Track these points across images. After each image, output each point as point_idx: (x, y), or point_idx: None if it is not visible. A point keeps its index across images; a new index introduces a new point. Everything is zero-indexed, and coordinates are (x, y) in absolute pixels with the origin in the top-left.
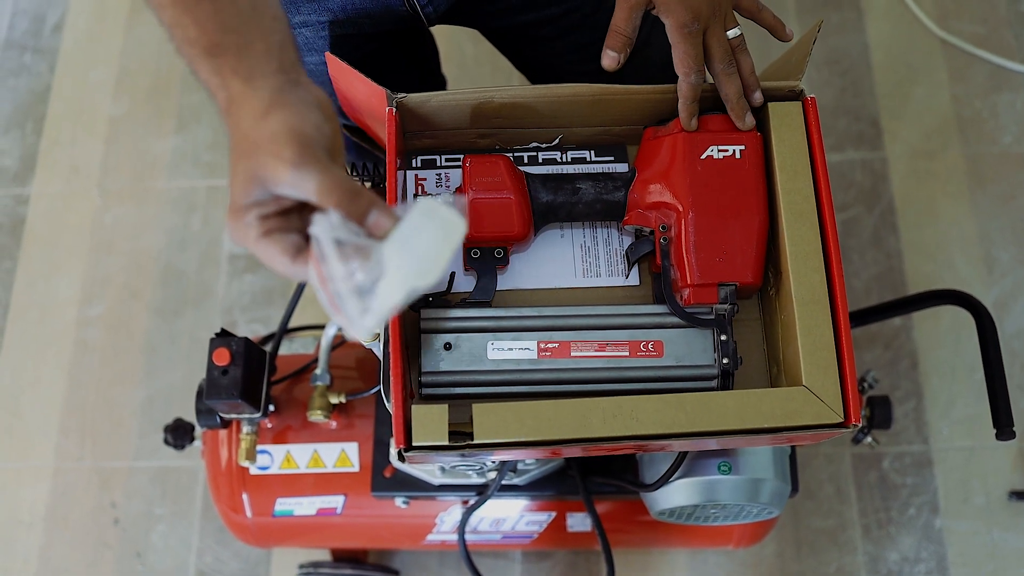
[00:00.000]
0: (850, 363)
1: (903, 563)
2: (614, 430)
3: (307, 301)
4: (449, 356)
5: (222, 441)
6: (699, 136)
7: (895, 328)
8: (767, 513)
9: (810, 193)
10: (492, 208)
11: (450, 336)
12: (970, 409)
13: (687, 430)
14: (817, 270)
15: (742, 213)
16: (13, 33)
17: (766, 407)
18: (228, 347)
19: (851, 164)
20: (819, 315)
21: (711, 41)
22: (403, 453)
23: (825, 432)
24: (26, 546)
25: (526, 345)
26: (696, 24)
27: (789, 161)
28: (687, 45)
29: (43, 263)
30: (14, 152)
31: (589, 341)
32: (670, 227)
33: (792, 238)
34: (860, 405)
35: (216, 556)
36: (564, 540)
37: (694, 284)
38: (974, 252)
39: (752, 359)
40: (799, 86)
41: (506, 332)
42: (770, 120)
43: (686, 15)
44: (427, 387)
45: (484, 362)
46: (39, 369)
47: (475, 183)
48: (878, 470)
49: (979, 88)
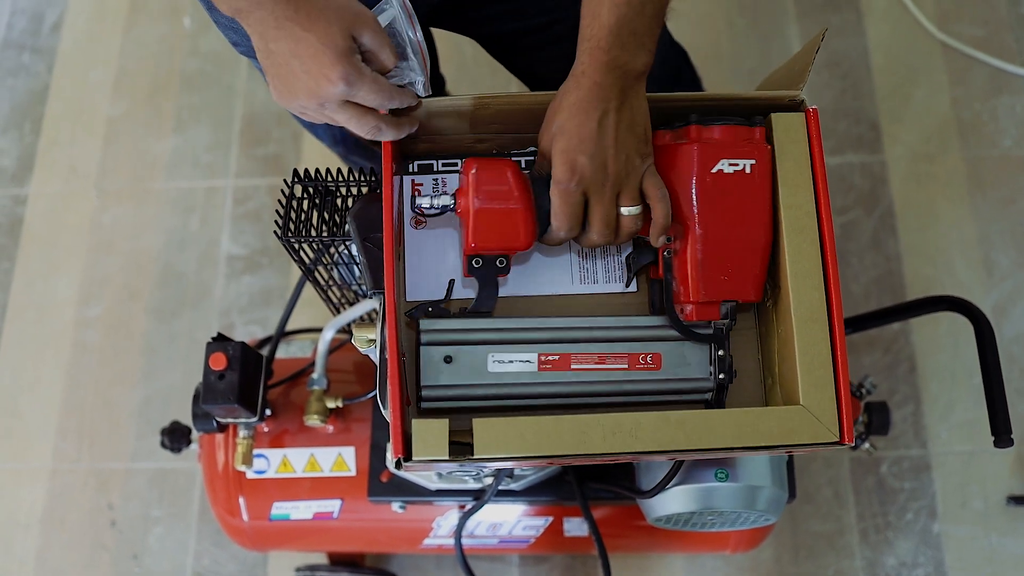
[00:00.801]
0: (844, 382)
1: (901, 568)
2: (614, 447)
3: (305, 304)
4: (449, 369)
5: (219, 445)
6: (711, 148)
7: (894, 332)
8: (764, 520)
9: (811, 208)
10: (498, 218)
11: (450, 349)
12: (969, 413)
13: (686, 447)
14: (816, 287)
15: (749, 230)
16: (11, 32)
17: (764, 426)
18: (224, 351)
19: (850, 167)
20: (817, 333)
21: (593, 208)
22: (402, 463)
23: (820, 448)
24: (23, 548)
25: (527, 357)
26: (573, 184)
27: (792, 175)
28: (559, 201)
29: (41, 263)
30: (12, 152)
31: (589, 354)
32: (675, 239)
33: (792, 254)
34: (853, 423)
35: (213, 559)
36: (561, 545)
37: (697, 301)
38: (974, 255)
39: (746, 368)
40: (799, 96)
41: (507, 344)
42: (774, 132)
43: (563, 172)
44: (427, 401)
45: (484, 375)
46: (37, 370)
47: (480, 191)
48: (876, 474)
49: (979, 91)
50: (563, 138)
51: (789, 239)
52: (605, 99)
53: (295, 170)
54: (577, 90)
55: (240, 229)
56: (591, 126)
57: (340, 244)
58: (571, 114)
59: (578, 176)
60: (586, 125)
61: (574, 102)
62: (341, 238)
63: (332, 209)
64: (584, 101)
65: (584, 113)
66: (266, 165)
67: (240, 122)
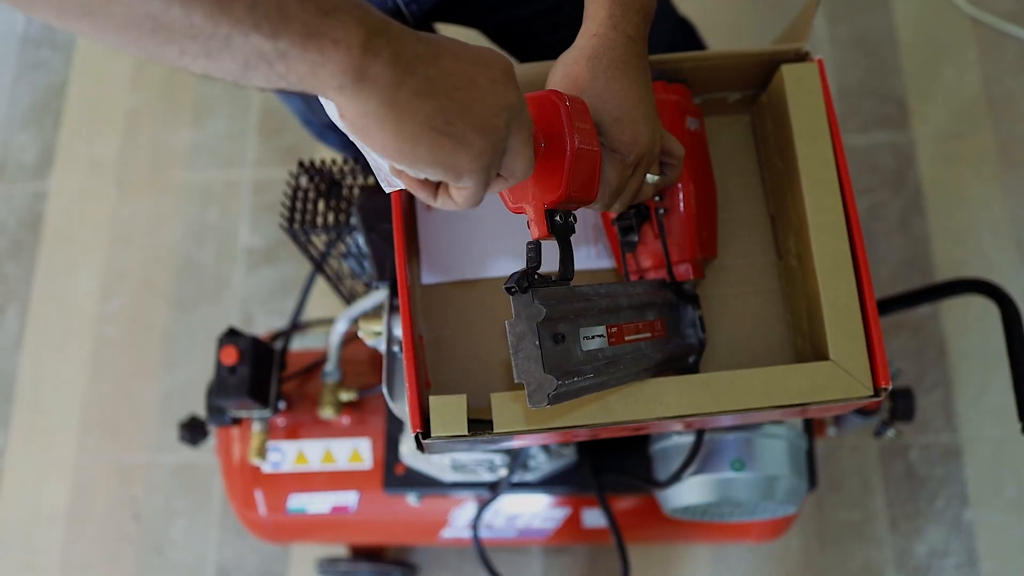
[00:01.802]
0: (876, 332)
1: (932, 556)
2: (637, 414)
3: (324, 294)
4: (562, 351)
5: (234, 438)
6: (680, 104)
7: (922, 316)
8: (783, 510)
9: (830, 158)
10: (587, 162)
11: (560, 325)
12: (1001, 398)
13: (713, 410)
14: (840, 237)
15: (709, 187)
16: (30, 28)
17: (793, 383)
18: (235, 345)
19: (877, 146)
20: (844, 285)
21: (635, 177)
22: (421, 440)
23: (853, 403)
24: (48, 541)
25: (601, 331)
26: (632, 156)
27: (807, 126)
28: (614, 172)
29: (62, 258)
30: (33, 147)
31: (633, 323)
32: (665, 198)
33: (813, 205)
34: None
35: (235, 550)
36: (580, 536)
37: (692, 259)
38: (1005, 236)
39: (774, 331)
40: (804, 47)
41: (588, 316)
42: (785, 84)
43: (627, 143)
44: (561, 397)
45: (577, 355)
46: (59, 364)
47: (577, 128)
48: (905, 461)
49: (1011, 66)
50: (615, 104)
51: (809, 190)
52: (641, 55)
53: (300, 161)
54: (611, 50)
55: (258, 220)
56: (638, 91)
57: (348, 235)
58: (613, 77)
59: (640, 147)
60: (629, 89)
61: (610, 63)
62: (348, 229)
63: (339, 200)
64: (621, 62)
65: (627, 77)
66: (284, 155)
67: (258, 113)
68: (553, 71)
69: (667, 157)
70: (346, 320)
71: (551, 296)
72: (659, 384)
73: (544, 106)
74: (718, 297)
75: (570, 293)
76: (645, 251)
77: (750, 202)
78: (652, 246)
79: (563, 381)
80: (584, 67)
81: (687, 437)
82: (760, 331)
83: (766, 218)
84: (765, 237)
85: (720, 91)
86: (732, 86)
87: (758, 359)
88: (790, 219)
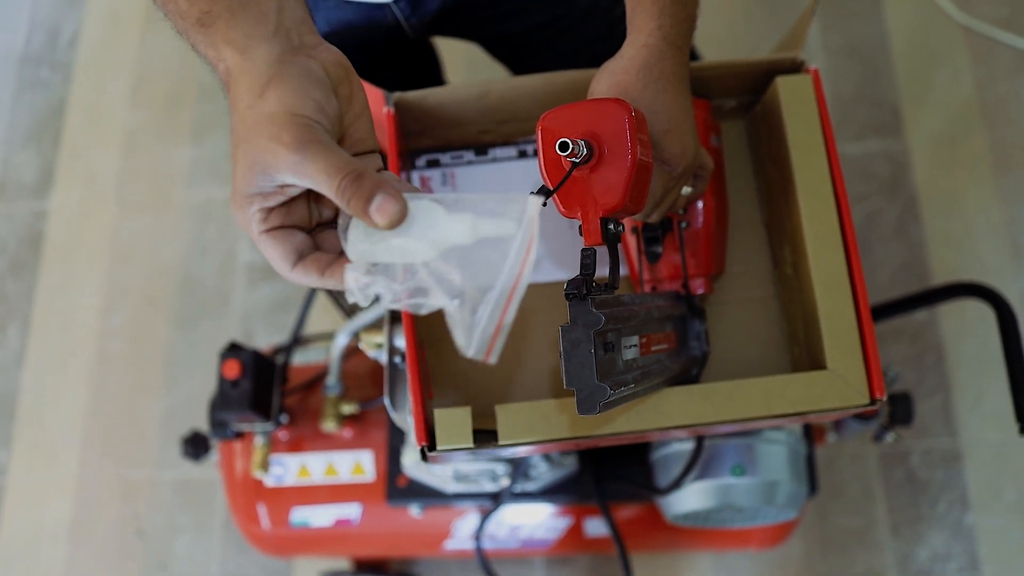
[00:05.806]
0: (871, 342)
1: (934, 561)
2: (639, 424)
3: (326, 309)
4: (608, 359)
5: (237, 452)
6: (707, 120)
7: (920, 322)
8: (784, 516)
9: (824, 170)
10: (644, 173)
11: (610, 335)
12: (1000, 402)
13: (714, 420)
14: (836, 250)
15: (724, 202)
16: (30, 47)
17: (791, 393)
18: (238, 359)
19: (871, 154)
20: (840, 296)
21: (675, 188)
22: (426, 452)
23: (851, 411)
24: (51, 558)
25: (636, 341)
26: (680, 168)
27: (802, 137)
28: (661, 184)
29: (63, 275)
30: (33, 166)
31: (656, 335)
32: (687, 212)
33: (809, 217)
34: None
35: (239, 565)
36: (583, 545)
37: (707, 274)
38: (1001, 241)
39: (771, 339)
40: (799, 57)
41: (629, 326)
42: (780, 96)
43: (676, 155)
44: (609, 406)
45: (619, 363)
46: (61, 381)
47: (640, 140)
48: (905, 467)
49: (1003, 72)
50: (666, 117)
51: (805, 202)
52: (687, 66)
53: None
54: (661, 61)
55: None
56: (685, 103)
57: None
58: (663, 89)
59: (687, 159)
60: (678, 102)
61: (661, 74)
62: None
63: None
64: (671, 73)
65: (676, 89)
66: None
67: None
68: (598, 80)
69: (699, 170)
70: (347, 333)
71: (604, 304)
72: (661, 394)
73: (609, 114)
74: (715, 305)
75: (616, 302)
76: (664, 262)
77: (745, 208)
78: (670, 258)
79: (614, 391)
80: (635, 77)
81: (687, 444)
82: (757, 339)
83: (761, 225)
84: (760, 244)
85: (716, 99)
86: (728, 94)
87: (755, 367)
88: (785, 229)
